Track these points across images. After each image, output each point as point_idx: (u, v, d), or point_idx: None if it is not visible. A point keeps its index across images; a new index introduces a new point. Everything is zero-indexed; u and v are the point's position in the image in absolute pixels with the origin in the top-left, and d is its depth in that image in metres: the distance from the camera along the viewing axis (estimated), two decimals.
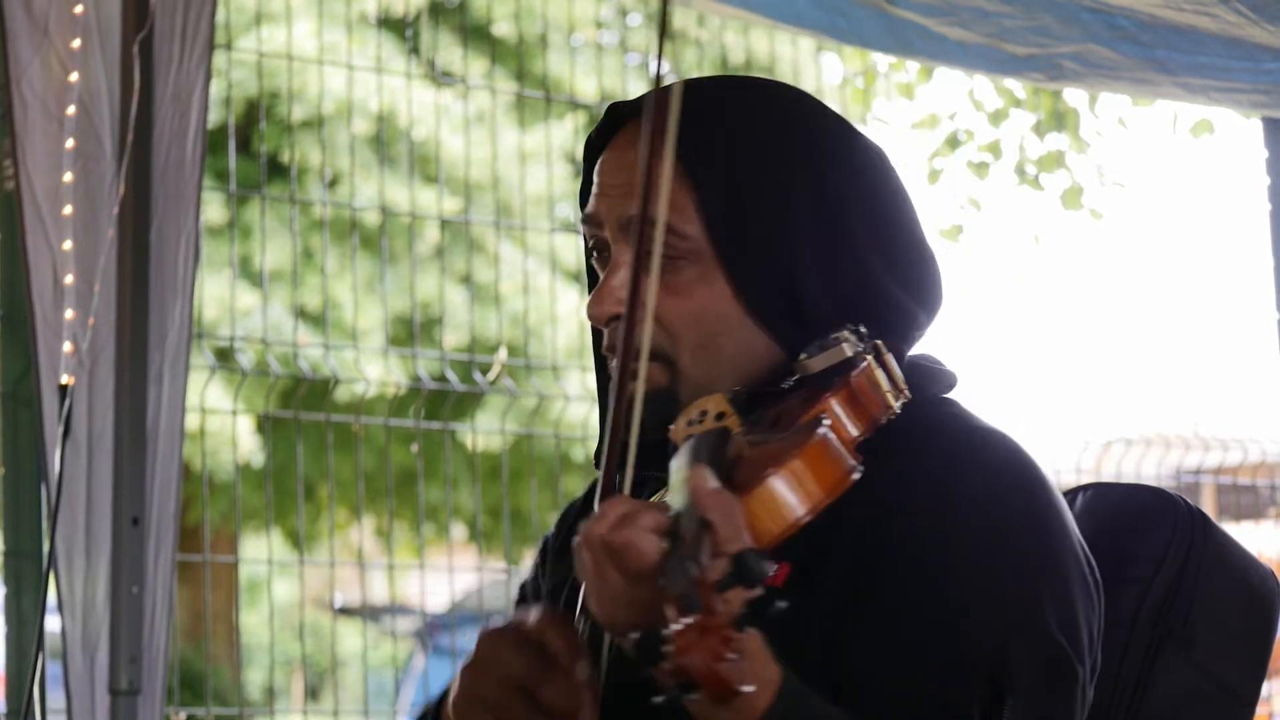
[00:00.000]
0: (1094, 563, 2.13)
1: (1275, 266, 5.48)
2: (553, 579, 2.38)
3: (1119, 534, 2.36)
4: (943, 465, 2.07)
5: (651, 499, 2.05)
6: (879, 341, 2.09)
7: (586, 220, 2.27)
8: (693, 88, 2.24)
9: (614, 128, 2.28)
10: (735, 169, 2.15)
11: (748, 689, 1.64)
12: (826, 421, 1.93)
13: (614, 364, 2.20)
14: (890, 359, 2.08)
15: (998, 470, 2.08)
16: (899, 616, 2.00)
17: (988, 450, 2.10)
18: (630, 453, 1.95)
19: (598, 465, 2.28)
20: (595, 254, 2.28)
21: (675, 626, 1.63)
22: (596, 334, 2.30)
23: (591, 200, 2.25)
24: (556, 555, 2.40)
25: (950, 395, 2.21)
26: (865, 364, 2.04)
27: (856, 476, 1.91)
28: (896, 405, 2.05)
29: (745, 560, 1.66)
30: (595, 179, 2.26)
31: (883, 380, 2.05)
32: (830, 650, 2.01)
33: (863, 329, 2.10)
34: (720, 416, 2.06)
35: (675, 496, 1.83)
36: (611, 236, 2.22)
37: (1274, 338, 5.59)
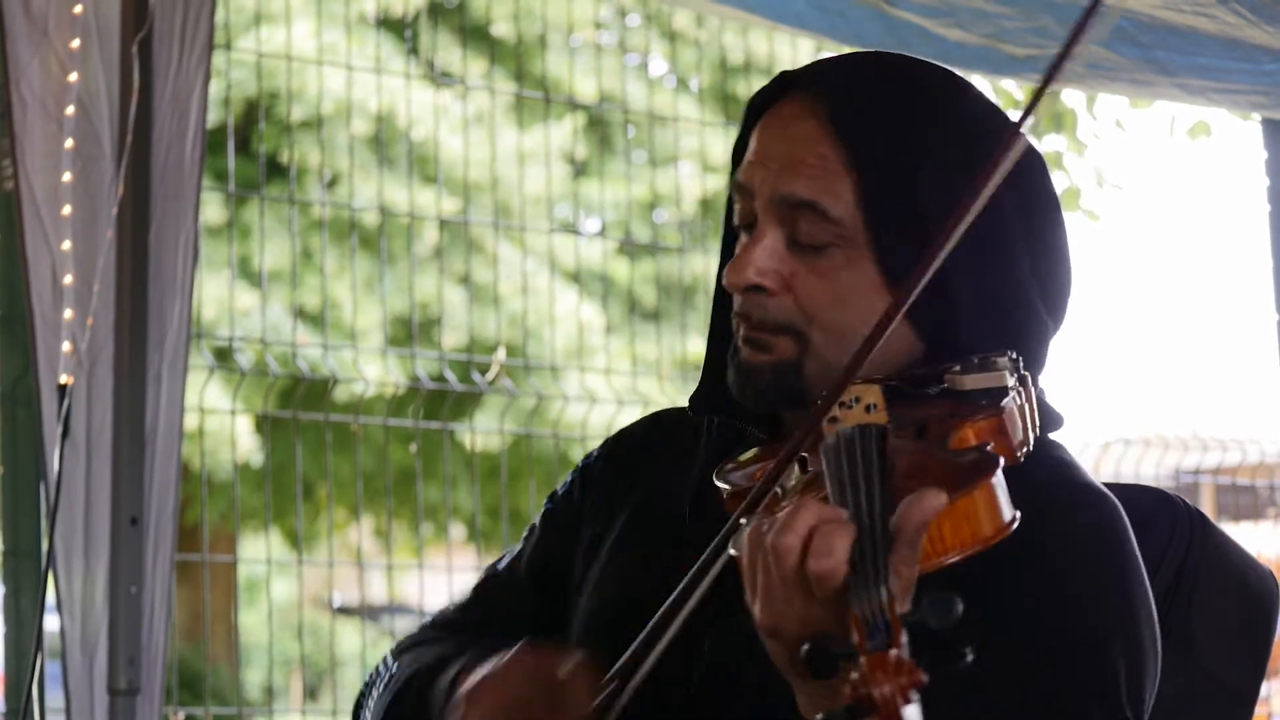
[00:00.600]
0: (1158, 621, 2.11)
1: (1274, 268, 5.48)
2: (597, 523, 2.35)
3: None
4: (1051, 521, 2.03)
5: (792, 483, 1.97)
6: (1028, 375, 2.06)
7: (738, 187, 2.21)
8: (864, 64, 2.23)
9: (778, 92, 2.22)
10: (899, 156, 2.12)
11: None
12: (1001, 461, 1.84)
13: (740, 331, 2.17)
14: (1033, 393, 2.05)
15: (1098, 534, 2.07)
16: (988, 673, 1.91)
17: (1091, 510, 2.09)
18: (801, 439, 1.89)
19: (695, 410, 2.26)
20: (739, 218, 2.22)
21: (870, 654, 1.58)
22: (720, 295, 2.26)
23: (745, 167, 2.20)
24: (606, 496, 2.37)
25: (1055, 437, 2.19)
26: (1020, 396, 1.99)
27: (1013, 530, 1.83)
28: (1031, 444, 1.99)
29: (940, 600, 1.60)
30: (753, 144, 2.21)
31: (1028, 415, 2.00)
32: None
33: (1019, 357, 2.05)
34: (871, 408, 1.97)
35: (841, 492, 1.78)
36: (762, 207, 2.17)
37: (1273, 339, 5.59)
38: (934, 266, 1.91)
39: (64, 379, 3.97)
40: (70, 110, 4.00)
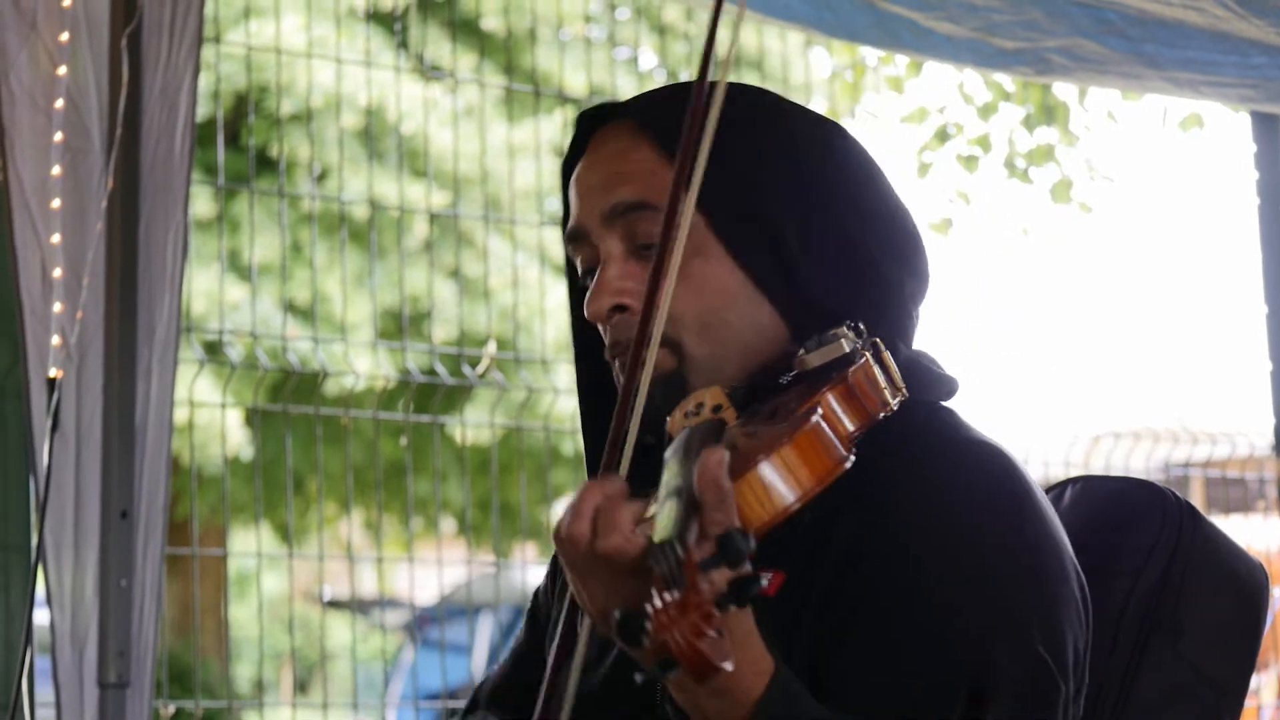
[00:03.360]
0: (1085, 581, 2.12)
1: (1263, 260, 5.49)
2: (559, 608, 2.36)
3: (1107, 527, 2.36)
4: (935, 476, 2.05)
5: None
6: (878, 339, 2.08)
7: (572, 238, 2.24)
8: (662, 87, 2.29)
9: (584, 140, 2.28)
10: (715, 149, 2.12)
11: (727, 666, 1.64)
12: (819, 410, 1.92)
13: (613, 358, 2.20)
14: (889, 357, 2.07)
15: (989, 484, 2.07)
16: (884, 623, 1.99)
17: (981, 463, 2.09)
18: (630, 438, 1.94)
19: (590, 468, 2.28)
20: (581, 268, 2.25)
21: (655, 604, 1.64)
22: (579, 339, 2.30)
23: (573, 216, 2.24)
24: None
25: (948, 403, 2.20)
26: (863, 360, 2.03)
27: (848, 466, 1.90)
28: (894, 403, 2.04)
29: (731, 539, 1.66)
30: (572, 196, 2.25)
31: (880, 378, 2.04)
32: (819, 655, 2.01)
33: (861, 325, 2.09)
34: (717, 409, 2.05)
35: (668, 484, 1.83)
36: (598, 235, 2.20)
37: (1262, 331, 5.60)
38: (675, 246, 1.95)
39: (53, 372, 3.96)
40: (59, 103, 4.00)
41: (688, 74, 10.65)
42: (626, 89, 9.55)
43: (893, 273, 2.19)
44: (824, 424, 1.91)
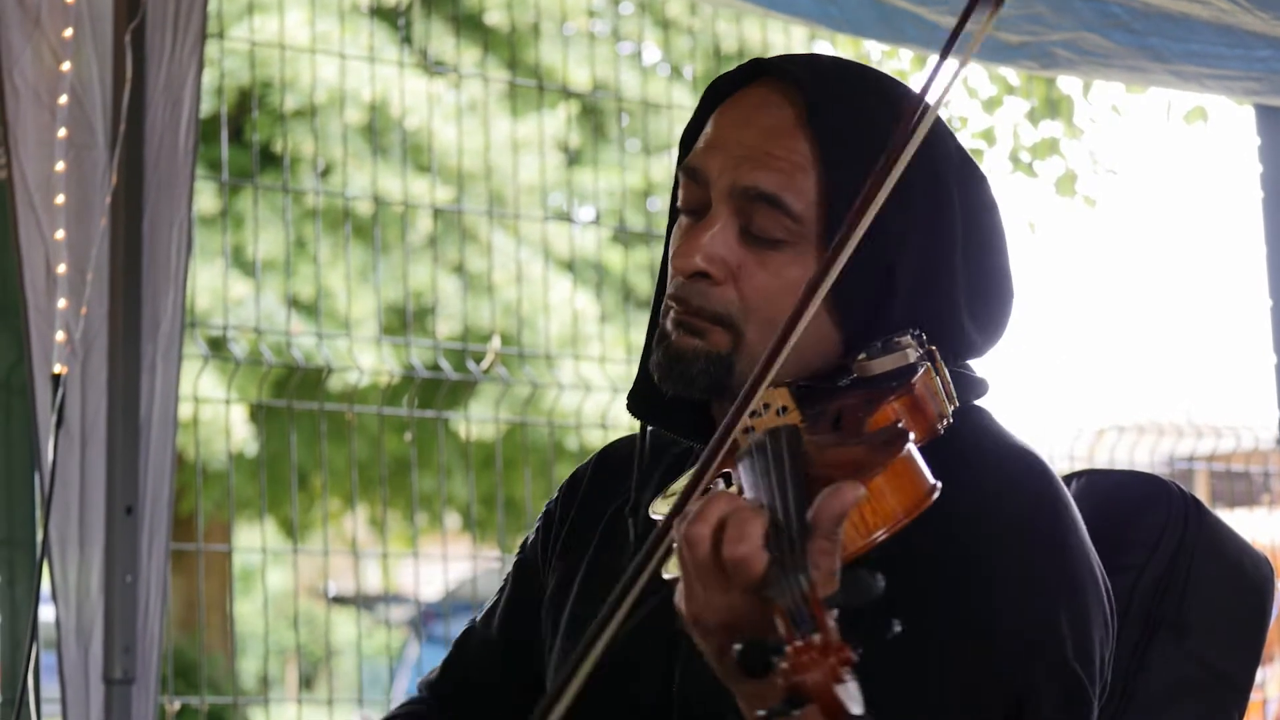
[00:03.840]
0: (1110, 585, 2.11)
1: (1268, 253, 5.48)
2: (563, 566, 2.35)
3: (1112, 521, 2.35)
4: (978, 481, 2.03)
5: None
6: (935, 349, 2.06)
7: (689, 172, 2.16)
8: (837, 70, 2.19)
9: (747, 77, 2.19)
10: (865, 160, 2.06)
11: (859, 712, 1.58)
12: (912, 436, 1.86)
13: (671, 315, 2.15)
14: (943, 366, 2.05)
15: (1026, 492, 2.06)
16: (928, 631, 1.96)
17: (1022, 469, 2.08)
18: (731, 432, 1.87)
19: (634, 412, 2.24)
20: (682, 203, 2.17)
21: (796, 643, 1.58)
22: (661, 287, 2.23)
23: (701, 151, 2.16)
24: (568, 539, 2.37)
25: (980, 403, 2.19)
26: (924, 370, 2.00)
27: (936, 497, 1.84)
28: (950, 414, 2.01)
29: (858, 578, 1.63)
30: (711, 129, 2.17)
31: (941, 387, 2.01)
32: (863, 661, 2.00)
33: (923, 335, 2.06)
34: (783, 411, 2.00)
35: (756, 493, 1.78)
36: (717, 194, 2.13)
37: (1267, 325, 5.59)
38: (847, 250, 1.91)
39: (58, 368, 3.96)
40: (63, 99, 4.00)
41: (690, 69, 10.64)
42: (630, 84, 9.55)
43: (966, 329, 2.16)
44: (915, 449, 1.85)
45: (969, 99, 9.08)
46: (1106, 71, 4.92)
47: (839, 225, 2.02)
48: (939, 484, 1.84)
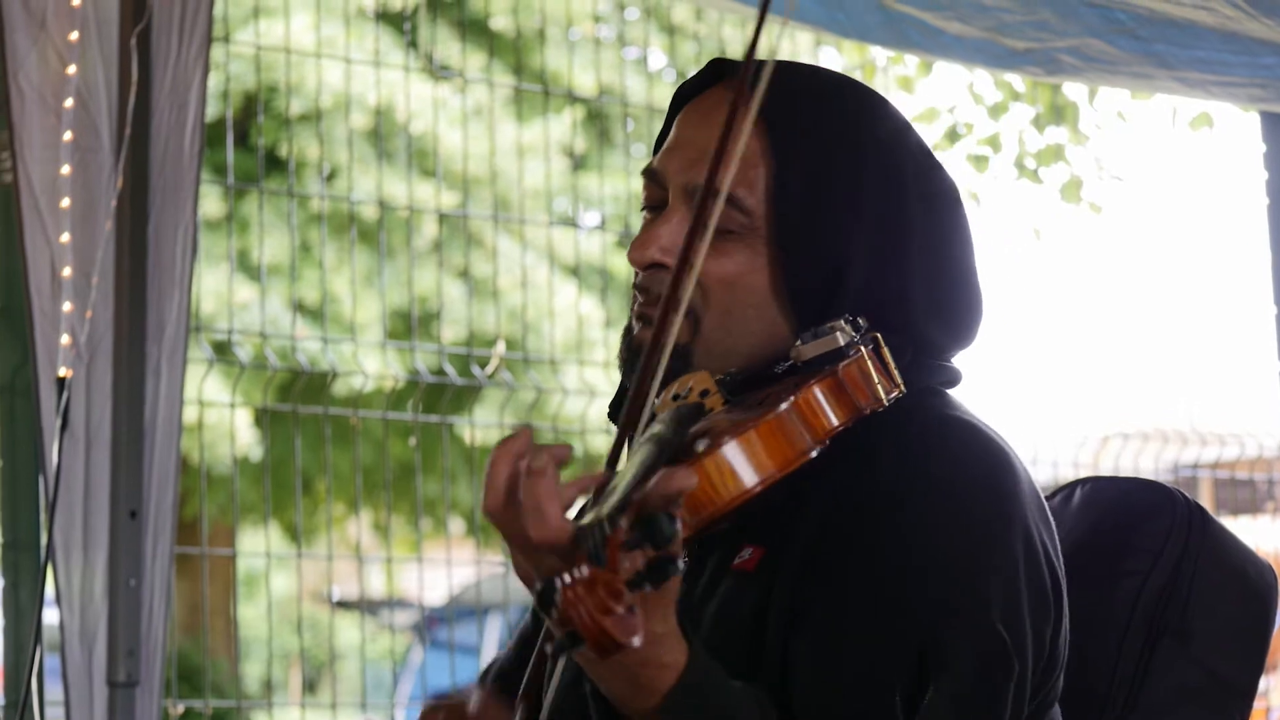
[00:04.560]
0: (1059, 571, 2.10)
1: (1273, 260, 5.48)
2: None
3: (1117, 528, 2.36)
4: (904, 451, 2.06)
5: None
6: (878, 335, 2.07)
7: (649, 174, 2.23)
8: (794, 70, 2.23)
9: (708, 82, 2.24)
10: (818, 159, 2.14)
11: (633, 642, 1.65)
12: (791, 398, 1.96)
13: (635, 307, 2.20)
14: (887, 352, 2.07)
15: (960, 460, 2.07)
16: (840, 597, 2.00)
17: (954, 439, 2.09)
18: (649, 398, 1.95)
19: (613, 418, 2.27)
20: (649, 209, 2.24)
21: (566, 578, 1.66)
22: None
23: (661, 154, 2.22)
24: None
25: (943, 388, 2.19)
26: (856, 355, 2.04)
27: (813, 455, 1.94)
28: (886, 398, 2.04)
29: (656, 520, 1.69)
30: (673, 132, 2.23)
31: (873, 373, 2.04)
32: (789, 626, 2.01)
33: (860, 320, 2.08)
34: (704, 394, 2.07)
35: (628, 466, 1.84)
36: (674, 191, 2.19)
37: (1272, 332, 5.59)
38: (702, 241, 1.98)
39: (63, 372, 3.97)
40: (69, 103, 4.00)
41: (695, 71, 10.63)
42: (636, 89, 9.55)
43: (926, 326, 2.17)
44: (793, 412, 1.95)
45: (974, 105, 9.08)
46: (1112, 78, 4.92)
47: (789, 218, 2.12)
48: (819, 446, 1.95)
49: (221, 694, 9.97)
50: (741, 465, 1.90)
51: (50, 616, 4.11)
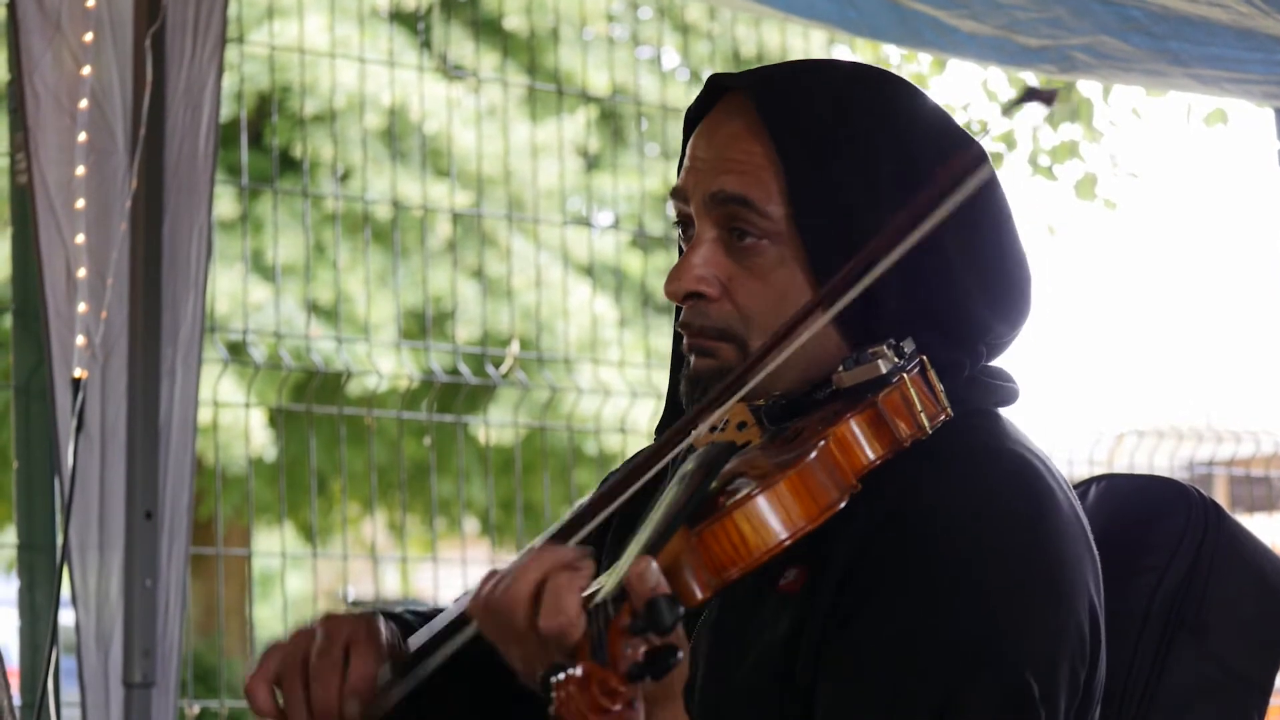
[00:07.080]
0: (1099, 607, 2.08)
1: None
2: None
3: (1132, 525, 2.35)
4: (944, 486, 2.02)
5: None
6: (924, 358, 2.04)
7: (674, 194, 2.23)
8: (799, 66, 2.24)
9: (712, 99, 2.24)
10: (825, 152, 2.12)
11: None
12: (822, 441, 1.90)
13: (685, 342, 2.18)
14: (933, 375, 2.03)
15: (1010, 496, 2.03)
16: (866, 643, 1.97)
17: (1007, 474, 2.05)
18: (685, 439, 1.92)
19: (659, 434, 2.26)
20: (681, 229, 2.23)
21: (558, 675, 1.61)
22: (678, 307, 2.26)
23: (683, 175, 2.22)
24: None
25: (997, 410, 2.16)
26: (898, 382, 1.99)
27: (842, 506, 1.89)
28: (930, 426, 1.99)
29: (656, 606, 1.64)
30: (687, 152, 2.23)
31: (917, 399, 1.99)
32: (816, 667, 1.99)
33: (905, 345, 2.04)
34: (742, 426, 2.03)
35: (658, 508, 1.82)
36: (696, 212, 2.18)
37: None
38: (859, 287, 1.93)
39: (78, 373, 3.97)
40: (83, 104, 4.01)
41: (709, 74, 10.63)
42: (649, 88, 9.56)
43: (983, 317, 2.15)
44: (827, 457, 1.89)
45: (988, 102, 9.08)
46: (1126, 75, 4.91)
47: (809, 222, 2.09)
48: (847, 492, 1.90)
49: (237, 694, 9.97)
50: (769, 519, 1.85)
51: (66, 618, 4.11)
